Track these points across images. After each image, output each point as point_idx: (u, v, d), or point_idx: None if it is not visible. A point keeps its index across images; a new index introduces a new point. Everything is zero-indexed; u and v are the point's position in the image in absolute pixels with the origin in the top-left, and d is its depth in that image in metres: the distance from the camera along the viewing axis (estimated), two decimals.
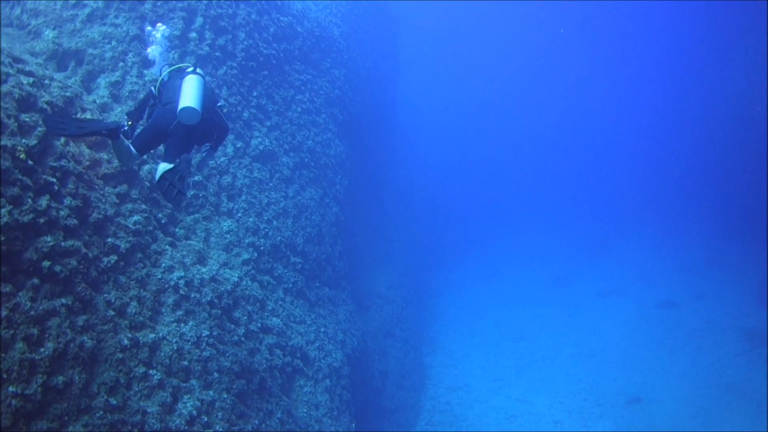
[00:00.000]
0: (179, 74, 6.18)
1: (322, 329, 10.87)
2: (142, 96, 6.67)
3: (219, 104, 6.37)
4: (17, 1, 8.81)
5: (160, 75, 6.41)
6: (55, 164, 5.88)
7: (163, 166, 5.74)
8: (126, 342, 6.03)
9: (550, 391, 16.76)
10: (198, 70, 6.15)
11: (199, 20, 10.02)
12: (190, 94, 5.71)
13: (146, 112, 6.23)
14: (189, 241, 8.16)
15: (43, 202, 5.57)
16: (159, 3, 9.37)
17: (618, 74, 51.02)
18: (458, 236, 33.20)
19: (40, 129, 5.80)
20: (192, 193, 8.83)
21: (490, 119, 58.09)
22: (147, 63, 8.81)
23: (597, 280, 25.78)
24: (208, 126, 6.07)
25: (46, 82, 6.58)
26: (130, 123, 6.19)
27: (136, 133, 5.99)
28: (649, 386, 16.32)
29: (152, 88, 6.36)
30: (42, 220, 5.48)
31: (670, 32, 36.83)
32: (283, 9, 12.99)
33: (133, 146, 5.79)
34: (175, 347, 6.66)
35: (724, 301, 21.11)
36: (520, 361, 19.00)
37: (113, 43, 8.59)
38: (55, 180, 5.80)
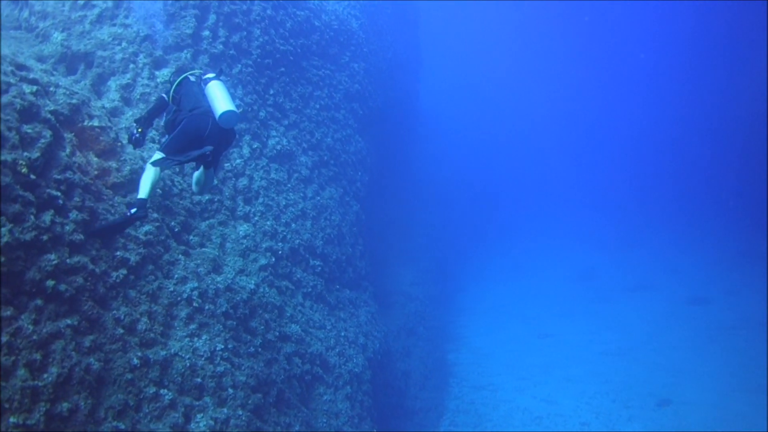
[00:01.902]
0: (195, 81, 6.03)
1: (343, 333, 10.58)
2: (153, 101, 6.41)
3: None
4: (25, 2, 8.59)
5: (172, 81, 6.17)
6: (59, 177, 5.63)
7: (198, 174, 5.89)
8: (135, 361, 5.79)
9: (577, 391, 16.30)
10: (222, 77, 6.05)
11: (212, 18, 9.71)
12: (225, 98, 5.62)
13: (163, 120, 5.99)
14: (203, 249, 7.90)
15: (47, 218, 5.32)
16: (170, 1, 9.08)
17: (643, 67, 49.92)
18: (483, 228, 32.70)
19: (43, 141, 5.54)
20: (207, 197, 8.56)
21: (517, 110, 57.20)
22: (158, 64, 8.55)
23: (624, 274, 25.15)
24: (232, 132, 5.93)
25: (51, 89, 6.32)
26: (140, 130, 5.96)
27: (164, 141, 5.72)
28: (679, 387, 15.79)
29: (163, 95, 6.11)
30: (45, 237, 5.23)
31: (700, 27, 35.89)
32: (300, 3, 12.63)
33: (164, 152, 5.55)
34: (188, 363, 6.41)
35: (757, 296, 20.40)
36: (546, 359, 18.53)
37: (123, 44, 8.33)
38: (59, 194, 5.54)
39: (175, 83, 6.09)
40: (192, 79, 6.06)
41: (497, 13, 61.95)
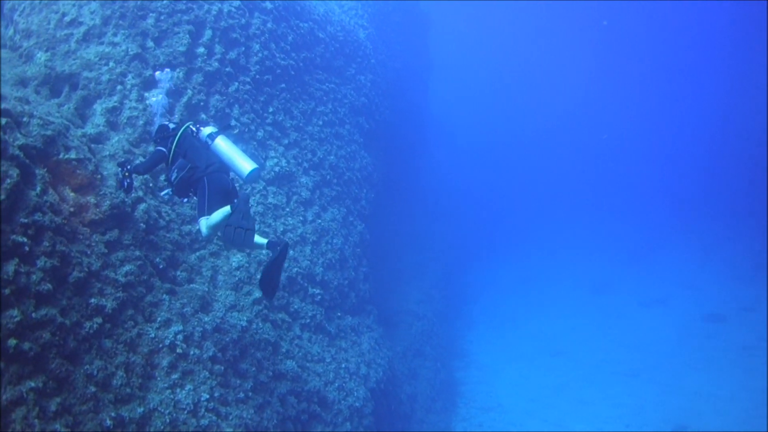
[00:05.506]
0: (192, 134, 5.93)
1: (343, 365, 10.04)
2: (152, 154, 6.01)
3: None
4: (10, 19, 8.13)
5: (168, 135, 5.98)
6: (26, 220, 5.12)
7: (210, 220, 5.64)
8: (108, 422, 5.28)
9: (590, 415, 15.64)
10: (228, 130, 6.36)
11: (208, 33, 9.21)
12: (242, 155, 5.84)
13: (174, 176, 5.75)
14: (192, 285, 7.40)
15: (10, 268, 4.82)
16: (162, 17, 8.58)
17: (664, 75, 48.99)
18: (493, 238, 32.07)
19: (9, 181, 5.04)
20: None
21: (525, 117, 56.42)
22: (148, 85, 8.05)
23: (639, 287, 24.39)
24: None
25: (25, 119, 5.83)
26: (127, 174, 5.75)
27: (199, 207, 5.73)
28: (696, 412, 15.10)
29: (163, 149, 5.92)
30: (8, 291, 4.74)
31: (714, 35, 35.04)
32: (303, 14, 12.10)
33: (205, 214, 5.65)
34: (168, 420, 5.89)
35: None
36: (557, 380, 17.88)
37: (111, 64, 7.84)
38: (25, 240, 5.04)
39: (177, 137, 5.88)
40: (190, 130, 5.93)
41: (510, 16, 61.11)
